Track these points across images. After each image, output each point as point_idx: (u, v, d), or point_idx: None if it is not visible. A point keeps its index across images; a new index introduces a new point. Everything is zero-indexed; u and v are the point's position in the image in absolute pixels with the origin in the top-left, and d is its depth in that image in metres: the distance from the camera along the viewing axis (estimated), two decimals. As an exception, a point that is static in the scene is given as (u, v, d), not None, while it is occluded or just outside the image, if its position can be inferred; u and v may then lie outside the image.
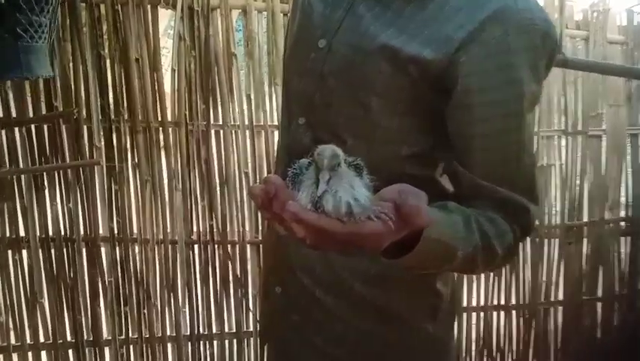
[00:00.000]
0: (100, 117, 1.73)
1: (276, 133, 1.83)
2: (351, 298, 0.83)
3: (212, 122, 1.79)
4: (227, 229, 1.85)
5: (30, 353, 1.80)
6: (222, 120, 1.79)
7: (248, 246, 1.87)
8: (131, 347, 1.86)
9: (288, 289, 0.89)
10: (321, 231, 0.51)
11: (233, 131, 1.81)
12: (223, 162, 1.82)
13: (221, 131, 1.80)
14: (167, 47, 1.92)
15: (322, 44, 0.79)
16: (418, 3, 0.75)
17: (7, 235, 1.75)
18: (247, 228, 1.86)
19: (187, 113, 1.77)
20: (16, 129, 1.69)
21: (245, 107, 1.80)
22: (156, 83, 1.75)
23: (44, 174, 1.73)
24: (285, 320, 0.89)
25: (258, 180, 1.84)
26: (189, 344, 1.90)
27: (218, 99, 1.78)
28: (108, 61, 1.72)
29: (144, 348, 1.87)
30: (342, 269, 0.82)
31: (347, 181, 0.51)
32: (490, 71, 0.70)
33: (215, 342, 1.92)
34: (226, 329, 1.91)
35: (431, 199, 0.57)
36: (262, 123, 1.82)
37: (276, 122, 1.83)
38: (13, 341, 1.78)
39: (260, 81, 1.80)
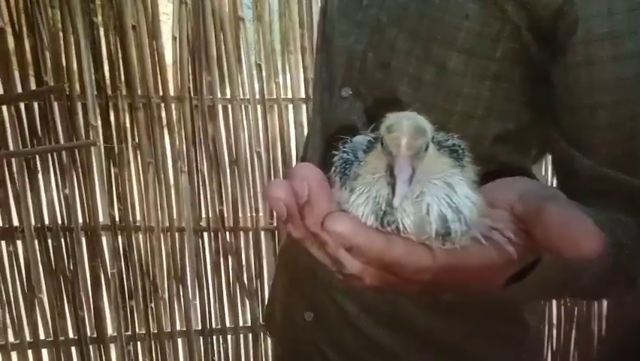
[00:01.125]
0: (95, 93, 1.53)
1: (291, 108, 1.61)
2: (411, 333, 0.62)
3: (219, 96, 1.57)
4: (239, 215, 1.64)
5: (30, 352, 1.63)
6: (230, 94, 1.57)
7: (262, 232, 1.66)
8: (139, 343, 1.68)
9: (323, 317, 0.66)
10: (393, 265, 0.30)
11: (242, 106, 1.59)
12: (232, 141, 1.60)
13: (230, 106, 1.58)
14: (166, 12, 1.69)
15: None
16: None
17: (0, 224, 1.56)
18: (261, 213, 1.65)
19: (191, 86, 1.55)
20: (4, 108, 1.49)
21: (255, 78, 1.58)
22: (156, 54, 1.54)
23: (37, 156, 1.54)
24: (317, 355, 0.67)
25: (271, 161, 1.62)
26: (201, 339, 1.71)
27: (225, 70, 1.56)
28: (102, 29, 1.51)
29: (153, 344, 1.69)
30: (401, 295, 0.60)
31: (438, 176, 0.30)
32: (625, 11, 0.47)
33: (229, 337, 1.73)
34: (240, 323, 1.72)
35: None
36: (275, 97, 1.59)
37: (290, 95, 1.60)
38: (11, 338, 1.62)
39: (271, 49, 1.57)
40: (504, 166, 0.57)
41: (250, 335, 1.73)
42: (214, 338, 1.72)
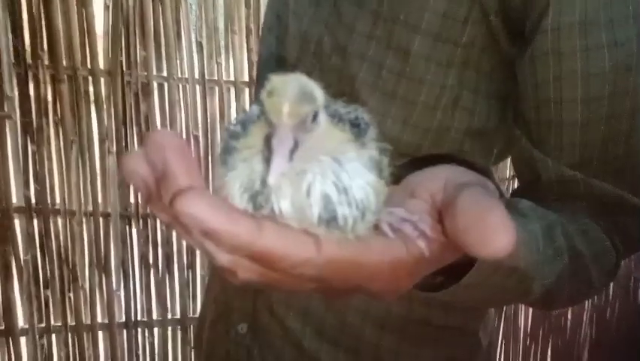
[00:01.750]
0: (12, 61, 1.35)
1: (232, 91, 1.51)
2: (359, 351, 0.55)
3: (154, 73, 1.44)
4: (172, 201, 1.52)
5: None
6: (167, 71, 1.45)
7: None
8: (54, 336, 1.53)
9: (259, 329, 0.58)
10: (265, 257, 0.24)
11: (180, 86, 1.47)
12: (168, 122, 1.48)
13: (166, 85, 1.46)
14: (99, -24, 1.53)
15: None
16: None
17: None
18: (195, 200, 1.54)
19: (123, 60, 1.41)
20: None
21: (195, 57, 1.46)
22: (85, 22, 1.38)
23: (-60, 127, 1.34)
24: None
25: (209, 145, 1.52)
26: (124, 332, 1.58)
27: (162, 45, 1.43)
28: (23, -9, 1.34)
29: (70, 338, 1.53)
30: (346, 306, 0.53)
31: (328, 152, 0.25)
32: None
33: (155, 330, 1.61)
34: (169, 316, 1.60)
35: None
36: (216, 78, 1.49)
37: (232, 78, 1.50)
38: None
39: (214, 27, 1.47)
40: (468, 166, 0.52)
41: (179, 328, 1.62)
42: (139, 330, 1.59)
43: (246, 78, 1.50)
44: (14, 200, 1.43)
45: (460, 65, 0.49)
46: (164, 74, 1.45)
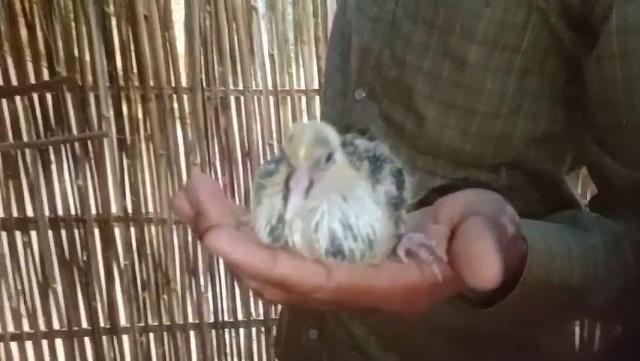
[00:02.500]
0: (107, 84, 1.47)
1: (304, 99, 1.53)
2: (422, 359, 0.55)
3: (231, 87, 1.50)
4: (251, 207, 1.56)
5: (44, 341, 1.59)
6: (243, 85, 1.50)
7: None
8: (151, 334, 1.63)
9: (327, 335, 0.59)
10: (279, 283, 0.27)
11: (255, 97, 1.51)
12: (245, 133, 1.53)
13: (242, 98, 1.51)
14: (178, 1, 1.62)
15: None
16: None
17: (15, 215, 1.52)
18: (273, 206, 1.58)
19: (203, 77, 1.48)
20: (18, 99, 1.45)
21: (268, 69, 1.50)
22: (168, 44, 1.47)
23: (50, 148, 1.49)
24: None
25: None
26: (213, 332, 1.65)
27: (238, 61, 1.48)
28: (114, 19, 1.45)
29: (165, 336, 1.63)
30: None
31: (339, 190, 0.27)
32: None
33: (241, 330, 1.66)
34: (253, 316, 1.65)
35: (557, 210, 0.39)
36: (288, 88, 1.52)
37: (303, 87, 1.52)
38: (26, 328, 1.57)
39: (284, 39, 1.49)
40: (534, 174, 0.49)
41: (263, 329, 1.67)
42: (226, 331, 1.66)
43: (316, 86, 1.51)
44: (113, 210, 1.54)
45: (520, 71, 0.47)
46: (240, 87, 1.50)
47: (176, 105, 1.51)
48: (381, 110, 0.53)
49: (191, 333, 1.65)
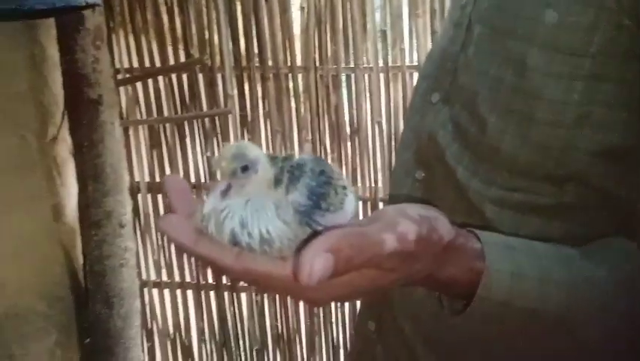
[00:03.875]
0: (232, 65, 1.55)
1: (415, 75, 1.44)
2: None
3: (342, 65, 1.47)
4: (359, 184, 1.55)
5: (178, 291, 1.78)
6: (354, 63, 1.46)
7: (380, 203, 1.55)
8: (265, 295, 1.73)
9: (383, 330, 0.59)
10: (202, 260, 0.35)
11: (365, 75, 1.47)
12: (354, 110, 1.50)
13: (353, 75, 1.47)
14: (296, -17, 1.63)
15: None
16: None
17: (157, 180, 1.71)
18: (380, 184, 1.54)
19: (317, 56, 1.48)
20: (160, 79, 1.61)
21: (379, 45, 1.44)
22: (285, 25, 1.49)
23: (185, 122, 1.63)
24: None
25: (392, 131, 1.49)
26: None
27: (350, 39, 1.45)
28: (239, 5, 1.51)
29: (277, 298, 1.72)
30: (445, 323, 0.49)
31: (246, 196, 0.34)
32: None
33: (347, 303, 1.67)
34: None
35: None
36: (399, 64, 1.44)
37: (415, 62, 1.43)
38: (164, 278, 1.78)
39: (397, 14, 1.41)
40: (605, 196, 0.44)
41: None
42: (338, 304, 1.68)
43: (430, 62, 1.41)
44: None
45: (588, 77, 0.42)
46: (351, 65, 1.47)
47: (291, 84, 1.54)
48: (452, 115, 0.51)
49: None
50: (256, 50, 1.54)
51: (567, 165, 0.44)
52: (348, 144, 1.53)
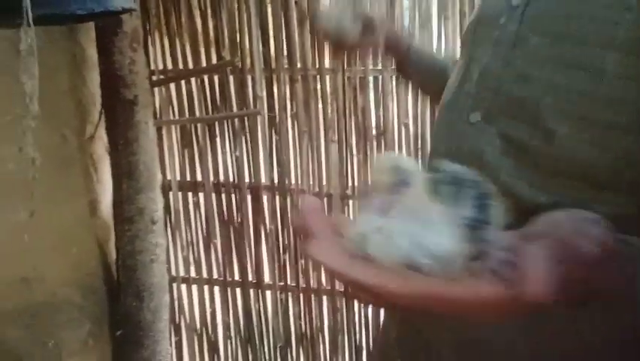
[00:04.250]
0: (262, 66, 1.57)
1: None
2: None
3: (370, 67, 1.47)
4: (384, 186, 1.54)
5: (206, 287, 1.81)
6: (382, 65, 1.46)
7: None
8: (289, 294, 1.74)
9: (403, 337, 0.60)
10: (354, 285, 0.32)
11: (393, 77, 1.47)
12: (381, 112, 1.50)
13: (380, 77, 1.47)
14: (325, -14, 1.64)
15: (516, 1, 0.52)
16: None
17: (188, 178, 1.74)
18: (406, 185, 1.53)
19: (345, 58, 1.48)
20: (192, 80, 1.64)
21: (408, 48, 1.43)
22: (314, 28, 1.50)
23: (216, 123, 1.66)
24: None
25: (419, 133, 1.48)
26: (344, 299, 1.69)
27: (378, 41, 1.45)
28: (270, 7, 1.53)
29: (301, 297, 1.72)
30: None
31: (412, 212, 0.31)
32: None
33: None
34: (381, 291, 1.64)
35: None
36: (427, 67, 1.43)
37: (443, 65, 1.42)
38: (192, 274, 1.81)
39: (426, 16, 1.41)
40: None
41: (390, 304, 1.65)
42: (355, 300, 1.68)
43: (458, 64, 1.40)
44: (263, 180, 1.67)
45: None
46: (379, 67, 1.47)
47: (319, 86, 1.55)
48: (500, 131, 0.50)
49: (324, 298, 1.71)
50: (285, 53, 1.55)
51: (635, 173, 0.43)
52: (375, 145, 1.53)
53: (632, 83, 0.42)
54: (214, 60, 1.62)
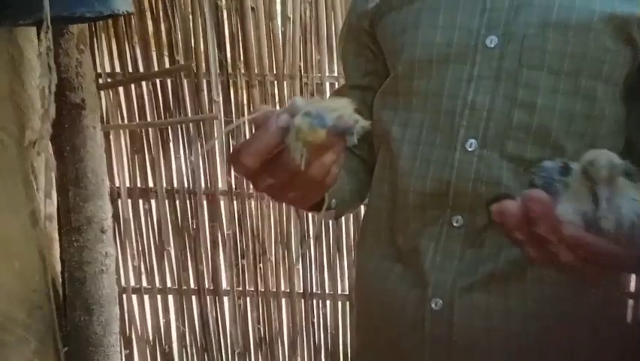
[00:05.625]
0: (218, 71, 1.52)
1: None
2: None
3: (327, 74, 1.48)
4: (342, 188, 1.55)
5: (159, 296, 1.71)
6: (337, 71, 1.47)
7: (362, 208, 1.56)
8: (248, 299, 1.69)
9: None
10: (602, 255, 0.36)
11: (349, 83, 1.48)
12: (338, 117, 1.51)
13: (336, 83, 1.48)
14: (282, -7, 1.63)
15: (492, 43, 0.57)
16: None
17: (139, 185, 1.64)
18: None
19: (301, 65, 1.48)
20: (144, 84, 1.55)
21: (363, 56, 1.46)
22: (271, 34, 1.48)
23: (169, 127, 1.58)
24: None
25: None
26: (302, 301, 1.67)
27: (334, 48, 1.46)
28: (225, 12, 1.49)
29: (260, 301, 1.68)
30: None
31: (627, 194, 0.38)
32: None
33: (327, 302, 1.67)
34: (339, 291, 1.65)
35: None
36: (381, 74, 1.46)
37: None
38: (144, 283, 1.70)
39: (380, 26, 1.44)
40: None
41: (348, 303, 1.66)
42: (314, 301, 1.67)
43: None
44: (220, 185, 1.61)
45: (625, 100, 0.58)
46: (335, 74, 1.48)
47: (276, 91, 1.53)
48: (505, 153, 0.55)
49: (283, 301, 1.68)
50: (242, 58, 1.52)
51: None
52: (332, 149, 1.53)
53: (612, 105, 0.55)
54: (167, 64, 1.54)
